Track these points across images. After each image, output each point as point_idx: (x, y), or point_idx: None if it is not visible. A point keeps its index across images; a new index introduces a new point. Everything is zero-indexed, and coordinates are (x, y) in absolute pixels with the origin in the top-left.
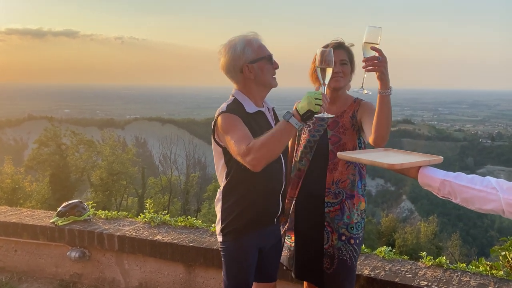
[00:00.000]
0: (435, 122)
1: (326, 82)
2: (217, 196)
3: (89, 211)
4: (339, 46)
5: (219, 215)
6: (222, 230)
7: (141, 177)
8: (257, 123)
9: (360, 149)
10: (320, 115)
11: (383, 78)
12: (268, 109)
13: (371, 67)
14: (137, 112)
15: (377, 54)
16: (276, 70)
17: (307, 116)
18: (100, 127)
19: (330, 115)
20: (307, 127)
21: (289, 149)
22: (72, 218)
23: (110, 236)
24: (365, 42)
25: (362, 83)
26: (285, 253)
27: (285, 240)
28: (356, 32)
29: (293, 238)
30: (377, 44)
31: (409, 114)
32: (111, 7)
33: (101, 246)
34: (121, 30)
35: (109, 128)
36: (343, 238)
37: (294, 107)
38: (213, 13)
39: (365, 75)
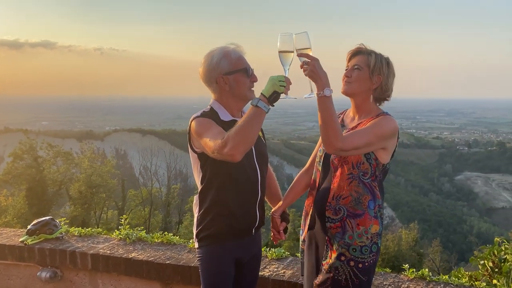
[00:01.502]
0: (414, 130)
1: (286, 67)
2: (194, 201)
3: (61, 228)
4: (358, 52)
5: (195, 220)
6: (197, 235)
7: (121, 189)
8: None
9: (369, 165)
10: (286, 97)
11: (314, 80)
12: None
13: (305, 71)
14: (117, 124)
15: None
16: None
17: (273, 97)
18: (79, 139)
19: (293, 97)
20: None
21: (310, 158)
22: (43, 236)
23: (83, 255)
24: (279, 51)
25: (310, 89)
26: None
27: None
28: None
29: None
30: (291, 51)
31: None
32: (90, 18)
33: (74, 265)
34: (101, 41)
35: (89, 140)
36: (343, 258)
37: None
38: (194, 24)
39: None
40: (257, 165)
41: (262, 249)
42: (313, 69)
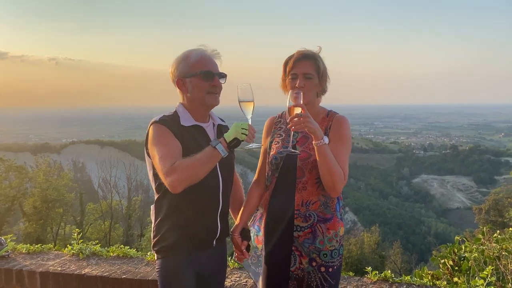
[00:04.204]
0: (372, 136)
1: (248, 116)
2: (151, 210)
3: (6, 246)
4: (303, 58)
5: (152, 230)
6: (154, 247)
7: (79, 203)
8: (192, 137)
9: None
10: (249, 145)
11: (312, 131)
12: (214, 125)
13: (297, 126)
14: (74, 135)
15: (299, 111)
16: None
17: (233, 144)
18: (34, 152)
19: (257, 145)
20: (275, 144)
21: (258, 168)
22: None
23: (31, 273)
24: (240, 101)
25: (290, 142)
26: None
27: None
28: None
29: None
30: (251, 100)
31: None
32: (44, 27)
33: (21, 285)
34: (56, 50)
35: (44, 153)
36: (314, 264)
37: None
38: (154, 33)
39: (292, 133)
40: (219, 172)
41: None
42: (309, 123)
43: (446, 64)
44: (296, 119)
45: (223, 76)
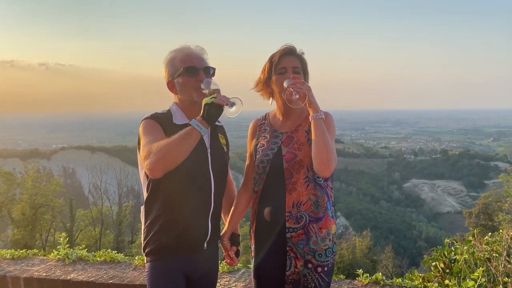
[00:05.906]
0: (363, 141)
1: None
2: (141, 212)
3: None
4: (291, 52)
5: (142, 232)
6: (144, 249)
7: (69, 209)
8: None
9: None
10: (232, 110)
11: (312, 102)
12: None
13: (300, 88)
14: (64, 141)
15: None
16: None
17: (207, 113)
18: (23, 158)
19: (238, 106)
20: (261, 147)
21: (245, 172)
22: None
23: (15, 279)
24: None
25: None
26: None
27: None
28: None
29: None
30: (216, 89)
31: (338, 134)
32: (33, 32)
33: None
34: (46, 55)
35: (34, 159)
36: (309, 265)
37: None
38: (143, 38)
39: None
40: (211, 173)
41: None
42: (311, 93)
43: (436, 70)
44: (299, 84)
45: (210, 70)
